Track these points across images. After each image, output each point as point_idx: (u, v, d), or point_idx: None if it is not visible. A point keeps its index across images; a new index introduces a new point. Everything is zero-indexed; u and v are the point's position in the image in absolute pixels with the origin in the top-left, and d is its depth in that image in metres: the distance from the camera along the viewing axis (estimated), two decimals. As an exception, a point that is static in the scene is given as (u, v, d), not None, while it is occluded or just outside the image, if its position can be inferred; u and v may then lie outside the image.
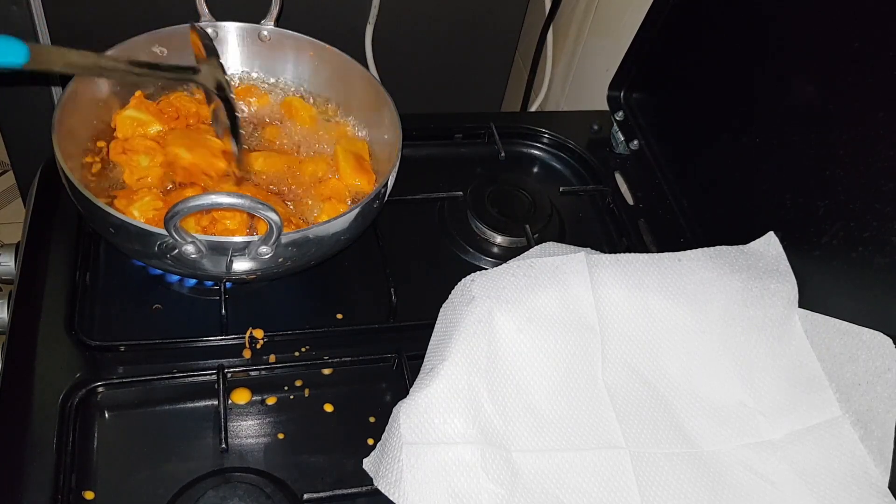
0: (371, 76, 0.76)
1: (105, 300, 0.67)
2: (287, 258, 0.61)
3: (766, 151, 0.68)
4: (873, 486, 0.54)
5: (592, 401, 0.59)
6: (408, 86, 1.10)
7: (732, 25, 0.72)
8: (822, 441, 0.57)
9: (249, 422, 0.61)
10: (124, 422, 0.60)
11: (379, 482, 0.53)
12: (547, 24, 1.16)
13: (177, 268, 0.61)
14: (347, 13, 1.06)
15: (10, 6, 0.92)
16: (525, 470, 0.55)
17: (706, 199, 0.77)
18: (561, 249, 0.65)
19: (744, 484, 0.57)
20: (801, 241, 0.64)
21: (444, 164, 0.86)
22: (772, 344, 0.61)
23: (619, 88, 0.87)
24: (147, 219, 0.63)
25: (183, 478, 0.56)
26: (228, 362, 0.63)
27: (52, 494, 0.53)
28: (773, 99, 0.67)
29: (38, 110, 1.02)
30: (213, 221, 0.64)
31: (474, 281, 0.61)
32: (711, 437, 0.59)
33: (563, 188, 0.84)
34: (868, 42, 0.58)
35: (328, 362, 0.65)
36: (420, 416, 0.54)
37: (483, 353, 0.57)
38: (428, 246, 0.78)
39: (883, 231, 0.56)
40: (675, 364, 0.61)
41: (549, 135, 0.89)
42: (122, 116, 0.71)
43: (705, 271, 0.63)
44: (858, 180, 0.59)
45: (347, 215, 0.62)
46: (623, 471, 0.56)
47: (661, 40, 0.81)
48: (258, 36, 0.77)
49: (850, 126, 0.59)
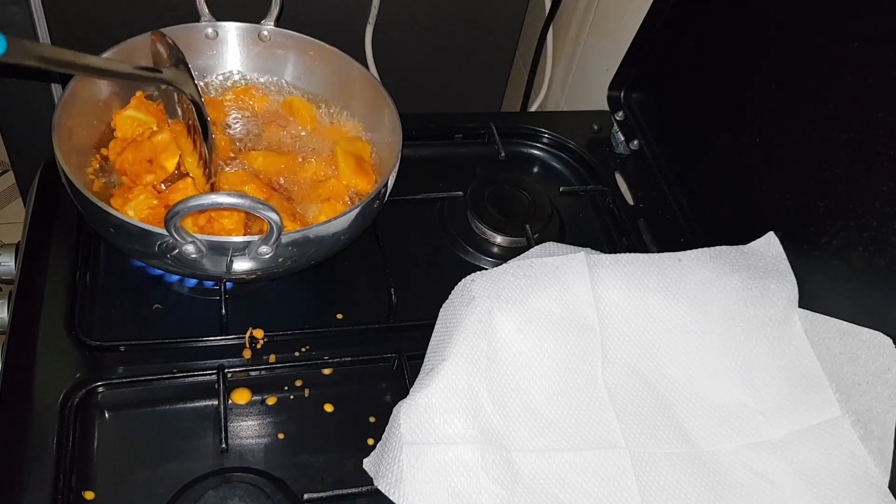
0: (371, 76, 0.76)
1: (105, 300, 0.67)
2: (287, 258, 0.61)
3: (766, 151, 0.68)
4: (873, 486, 0.54)
5: (592, 401, 0.59)
6: (408, 86, 1.10)
7: (732, 25, 0.72)
8: (822, 441, 0.57)
9: (249, 422, 0.61)
10: (124, 422, 0.60)
11: (379, 482, 0.53)
12: (547, 24, 1.16)
13: (177, 268, 0.61)
14: (347, 13, 1.06)
15: (10, 6, 0.92)
16: (525, 470, 0.55)
17: (706, 199, 0.77)
18: (561, 249, 0.65)
19: (744, 484, 0.57)
20: (801, 241, 0.64)
21: (444, 164, 0.86)
22: (772, 344, 0.61)
23: (619, 88, 0.87)
24: (142, 217, 0.63)
25: (183, 478, 0.56)
26: (228, 362, 0.63)
27: (52, 494, 0.53)
28: (774, 99, 0.67)
29: (38, 110, 1.02)
30: (210, 220, 0.64)
31: (474, 281, 0.61)
32: (711, 437, 0.59)
33: (563, 188, 0.84)
34: (868, 42, 0.58)
35: (328, 362, 0.65)
36: (420, 416, 0.54)
37: (483, 353, 0.57)
38: (428, 246, 0.78)
39: (883, 231, 0.56)
40: (675, 364, 0.61)
41: (549, 135, 0.89)
42: (122, 116, 0.71)
43: (705, 271, 0.63)
44: (858, 180, 0.59)
45: (347, 215, 0.62)
46: (623, 471, 0.56)
47: (661, 40, 0.81)
48: (258, 36, 0.77)
49: (850, 126, 0.59)
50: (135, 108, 0.72)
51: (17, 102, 1.03)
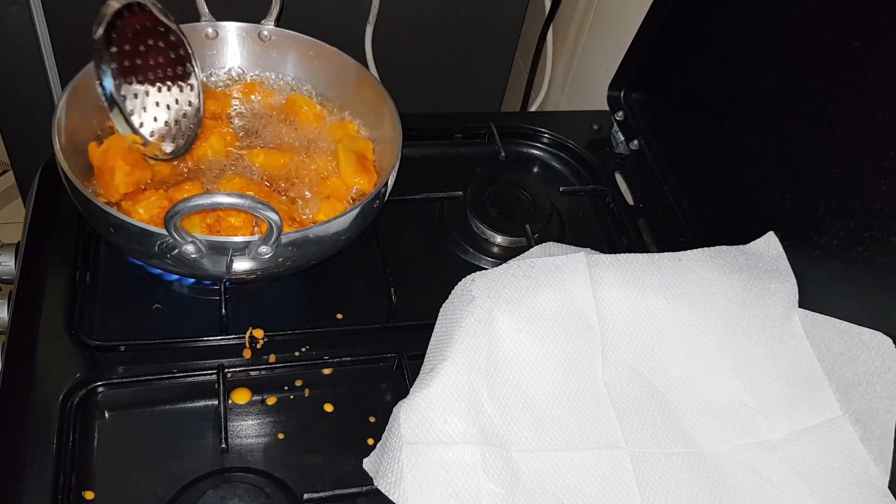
0: (371, 76, 0.76)
1: (105, 300, 0.67)
2: (287, 258, 0.61)
3: (766, 151, 0.68)
4: (873, 486, 0.54)
5: (592, 401, 0.59)
6: (408, 86, 1.10)
7: (732, 25, 0.72)
8: (822, 441, 0.57)
9: (249, 422, 0.61)
10: (124, 422, 0.60)
11: (379, 482, 0.53)
12: (547, 24, 1.16)
13: (177, 268, 0.61)
14: (347, 13, 1.06)
15: (10, 6, 0.92)
16: (525, 470, 0.55)
17: (706, 199, 0.77)
18: (561, 249, 0.65)
19: (744, 484, 0.57)
20: (801, 241, 0.64)
21: (444, 164, 0.86)
22: (772, 344, 0.61)
23: (619, 88, 0.87)
24: (151, 216, 0.63)
25: (183, 478, 0.56)
26: (228, 362, 0.63)
27: (52, 494, 0.53)
28: (773, 99, 0.67)
29: (38, 110, 1.02)
30: (217, 219, 0.64)
31: (474, 281, 0.61)
32: (711, 436, 0.59)
33: (563, 188, 0.84)
34: (868, 42, 0.58)
35: (328, 362, 0.65)
36: (420, 416, 0.54)
37: (483, 353, 0.57)
38: (428, 246, 0.78)
39: (883, 231, 0.56)
40: (675, 364, 0.61)
41: (549, 135, 0.89)
42: None
43: (705, 271, 0.63)
44: (858, 180, 0.59)
45: (347, 215, 0.62)
46: (623, 471, 0.56)
47: (661, 41, 0.81)
48: (258, 36, 0.77)
49: (850, 126, 0.59)
50: None
51: (17, 102, 1.03)
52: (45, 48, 0.98)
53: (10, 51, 0.97)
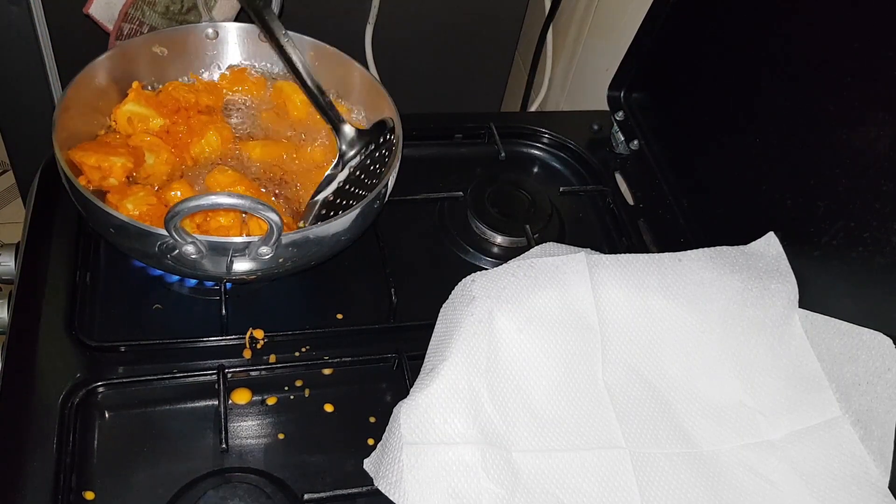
0: (371, 76, 0.76)
1: (105, 300, 0.67)
2: (287, 258, 0.61)
3: (766, 151, 0.68)
4: (873, 486, 0.54)
5: (592, 401, 0.59)
6: (408, 86, 1.10)
7: (732, 25, 0.72)
8: (821, 441, 0.57)
9: (249, 422, 0.61)
10: (124, 422, 0.60)
11: (379, 482, 0.53)
12: (547, 24, 1.16)
13: (177, 268, 0.61)
14: (347, 13, 1.06)
15: (10, 6, 0.92)
16: (525, 470, 0.55)
17: (706, 199, 0.77)
18: (561, 249, 0.65)
19: (744, 484, 0.57)
20: (801, 241, 0.64)
21: (444, 164, 0.86)
22: (772, 344, 0.61)
23: (619, 88, 0.87)
24: (140, 212, 0.63)
25: (183, 478, 0.56)
26: (229, 362, 0.63)
27: (52, 494, 0.53)
28: (773, 99, 0.67)
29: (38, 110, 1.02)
30: (206, 218, 0.64)
31: (474, 281, 0.61)
32: (711, 437, 0.59)
33: (563, 188, 0.84)
34: (868, 42, 0.58)
35: (328, 362, 0.65)
36: (420, 416, 0.54)
37: (483, 353, 0.57)
38: (428, 246, 0.78)
39: (883, 231, 0.56)
40: (675, 364, 0.61)
41: (549, 135, 0.89)
42: (121, 111, 0.70)
43: (705, 271, 0.63)
44: (858, 180, 0.59)
45: (347, 215, 0.62)
46: (623, 471, 0.56)
47: (661, 40, 0.81)
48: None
49: (850, 126, 0.59)
50: (133, 101, 0.71)
51: (17, 102, 1.03)
52: (45, 48, 0.98)
53: (10, 51, 0.97)
